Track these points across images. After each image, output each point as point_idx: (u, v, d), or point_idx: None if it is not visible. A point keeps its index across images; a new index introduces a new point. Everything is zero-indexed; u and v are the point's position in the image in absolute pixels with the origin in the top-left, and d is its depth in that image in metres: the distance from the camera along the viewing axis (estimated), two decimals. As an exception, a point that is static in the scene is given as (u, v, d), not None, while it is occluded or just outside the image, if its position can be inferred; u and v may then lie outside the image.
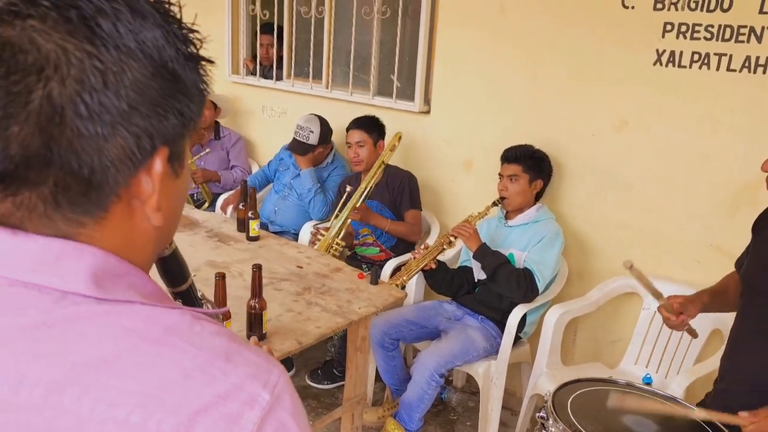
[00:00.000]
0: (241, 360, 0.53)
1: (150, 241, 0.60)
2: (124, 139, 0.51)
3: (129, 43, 0.51)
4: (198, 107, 0.58)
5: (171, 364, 0.50)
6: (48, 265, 0.51)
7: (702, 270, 2.60)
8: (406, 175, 3.22)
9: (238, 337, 0.57)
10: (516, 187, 2.72)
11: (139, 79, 0.51)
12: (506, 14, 2.97)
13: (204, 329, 0.54)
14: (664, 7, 2.53)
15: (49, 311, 0.50)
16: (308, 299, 2.19)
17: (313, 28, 3.72)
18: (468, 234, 2.68)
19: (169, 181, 0.58)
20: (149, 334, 0.51)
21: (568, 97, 2.85)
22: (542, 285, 2.62)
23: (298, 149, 3.44)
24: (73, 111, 0.48)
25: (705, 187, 2.56)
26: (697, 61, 2.49)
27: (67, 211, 0.52)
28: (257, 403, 0.51)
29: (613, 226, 2.80)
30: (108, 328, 0.51)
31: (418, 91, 3.33)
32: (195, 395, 0.49)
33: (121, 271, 0.55)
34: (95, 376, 0.48)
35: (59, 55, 0.48)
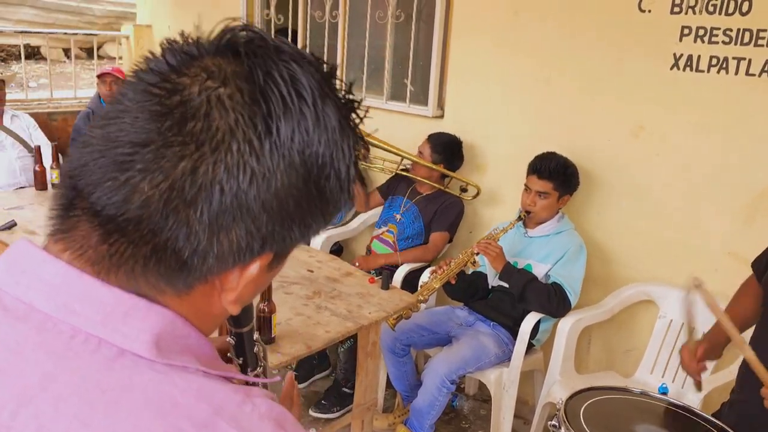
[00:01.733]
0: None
1: (220, 317, 0.59)
2: (239, 236, 0.49)
3: (295, 156, 0.48)
4: (327, 222, 0.55)
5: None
6: (116, 319, 0.49)
7: (719, 278, 2.54)
8: (458, 200, 3.15)
9: (287, 419, 0.54)
10: (544, 203, 2.65)
11: (285, 189, 0.49)
12: (520, 19, 2.95)
13: (254, 410, 0.52)
14: (681, 10, 2.49)
15: (104, 371, 0.48)
16: (318, 303, 2.18)
17: (327, 33, 3.72)
18: (495, 254, 2.62)
19: (260, 273, 0.55)
20: (198, 415, 0.49)
21: (583, 102, 2.82)
22: (574, 299, 2.58)
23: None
24: (208, 195, 0.47)
25: (722, 193, 2.51)
26: (715, 65, 2.45)
27: (152, 276, 0.50)
28: None
29: (629, 233, 2.76)
30: (157, 401, 0.48)
31: (432, 96, 3.32)
32: None
33: (183, 332, 0.53)
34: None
35: (225, 137, 0.46)
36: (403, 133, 3.32)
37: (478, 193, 3.10)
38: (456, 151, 3.12)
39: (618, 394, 1.68)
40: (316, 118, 0.49)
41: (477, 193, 3.10)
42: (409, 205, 3.19)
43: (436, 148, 3.09)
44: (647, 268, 2.73)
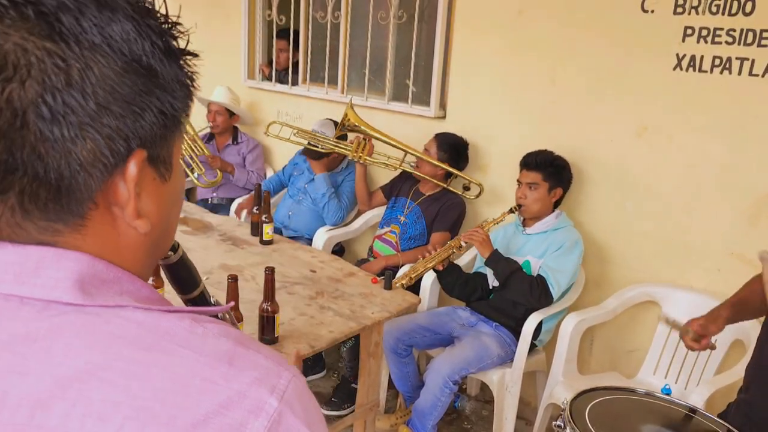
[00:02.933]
0: (246, 363, 0.49)
1: (140, 248, 0.56)
2: (94, 141, 0.47)
3: (93, 38, 0.47)
4: (183, 104, 0.54)
5: (165, 372, 0.46)
6: (28, 275, 0.48)
7: (722, 279, 2.54)
8: (460, 200, 3.15)
9: (248, 339, 0.53)
10: (535, 195, 2.68)
11: (108, 76, 0.47)
12: (524, 19, 2.95)
13: (207, 331, 0.50)
14: (684, 11, 2.49)
15: (31, 323, 0.47)
16: (321, 303, 2.17)
17: (329, 33, 3.72)
18: (480, 240, 2.65)
19: (156, 185, 0.54)
20: (141, 341, 0.47)
21: (586, 103, 2.81)
22: (556, 292, 2.58)
23: (312, 154, 3.43)
24: (35, 114, 0.45)
25: (726, 194, 2.50)
26: (718, 65, 2.44)
27: (38, 219, 0.48)
28: (263, 411, 0.47)
29: (632, 234, 2.76)
30: (94, 337, 0.47)
31: (434, 96, 3.31)
32: (193, 405, 0.45)
33: (110, 276, 0.52)
34: (81, 389, 0.45)
35: (18, 55, 0.45)
36: (405, 133, 3.31)
37: (481, 192, 3.10)
38: (462, 152, 3.12)
39: (623, 395, 1.67)
40: (97, 2, 0.48)
41: (480, 192, 3.10)
42: (413, 206, 3.19)
43: (442, 146, 3.09)
44: (650, 269, 2.73)
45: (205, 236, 2.76)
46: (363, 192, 3.41)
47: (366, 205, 3.45)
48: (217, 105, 4.05)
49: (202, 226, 2.88)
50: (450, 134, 3.13)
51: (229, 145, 4.16)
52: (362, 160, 3.21)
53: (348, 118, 3.17)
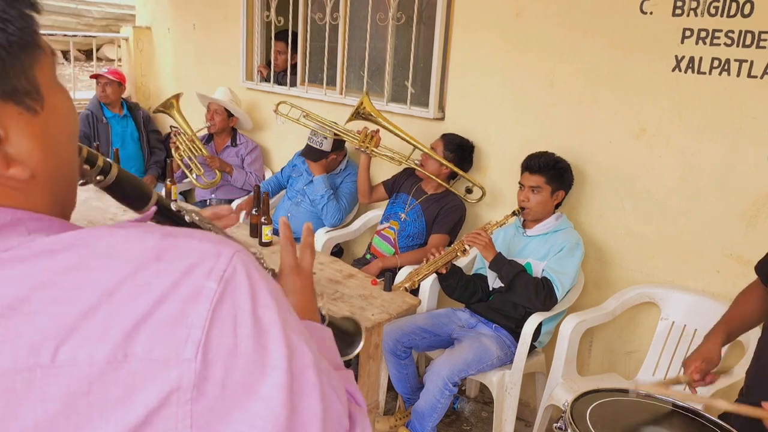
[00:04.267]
0: (176, 254, 0.47)
1: (35, 192, 0.52)
2: None
3: None
4: (20, 24, 0.49)
5: (88, 287, 0.44)
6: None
7: (721, 280, 2.55)
8: (461, 203, 3.15)
9: (179, 229, 0.50)
10: (537, 198, 2.68)
11: None
12: (523, 20, 2.95)
13: (129, 233, 0.48)
14: (683, 12, 2.49)
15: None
16: (320, 305, 2.16)
17: (328, 35, 3.72)
18: (483, 243, 2.64)
19: (27, 120, 0.50)
20: (57, 264, 0.45)
21: (585, 104, 2.82)
22: (561, 294, 2.58)
23: (311, 155, 3.43)
24: None
25: (725, 195, 2.51)
26: (717, 67, 2.45)
27: None
28: (201, 295, 0.45)
29: (631, 235, 2.76)
30: (7, 275, 0.45)
31: (433, 98, 3.31)
32: (124, 312, 0.44)
33: (6, 220, 0.49)
34: (7, 326, 0.43)
35: None
36: (404, 134, 3.31)
37: (483, 196, 3.10)
38: (467, 155, 3.13)
39: (624, 396, 1.67)
40: None
41: (482, 196, 3.10)
42: (414, 204, 3.19)
43: (448, 146, 3.09)
44: (649, 271, 2.73)
45: (204, 238, 2.76)
46: (365, 183, 3.39)
47: (366, 197, 3.43)
48: (216, 104, 4.05)
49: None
50: (457, 135, 3.13)
51: (228, 146, 4.15)
52: (369, 150, 3.20)
53: (363, 106, 3.16)
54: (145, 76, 5.17)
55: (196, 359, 0.44)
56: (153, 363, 0.43)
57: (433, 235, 3.10)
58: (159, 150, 4.69)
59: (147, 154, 4.64)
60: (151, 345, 0.44)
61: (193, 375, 0.44)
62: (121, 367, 0.43)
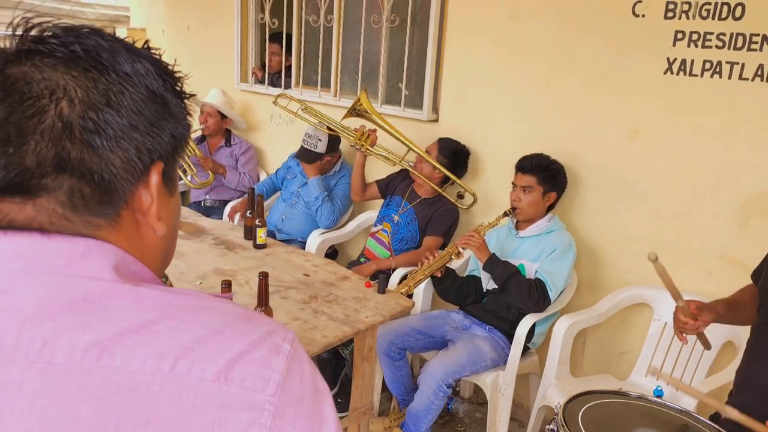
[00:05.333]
0: (259, 321, 0.61)
1: (157, 250, 0.69)
2: (126, 151, 0.60)
3: (126, 69, 0.61)
4: (185, 132, 0.68)
5: (202, 324, 0.58)
6: (78, 260, 0.58)
7: (714, 281, 2.56)
8: (454, 208, 3.16)
9: (252, 311, 0.65)
10: (529, 198, 2.69)
11: (136, 101, 0.61)
12: (516, 22, 2.96)
13: (224, 302, 0.63)
14: (675, 15, 2.51)
15: (87, 289, 0.57)
16: (315, 308, 2.17)
17: (322, 37, 3.72)
18: (477, 245, 2.65)
19: (166, 198, 0.68)
20: (176, 305, 0.59)
21: (579, 106, 2.83)
22: (554, 295, 2.59)
23: (305, 157, 3.43)
24: (82, 126, 0.58)
25: (717, 197, 2.52)
26: (708, 69, 2.46)
27: (83, 213, 0.60)
28: (282, 351, 0.58)
29: (624, 237, 2.77)
30: (140, 301, 0.58)
31: (427, 100, 3.32)
32: (228, 346, 0.57)
33: (137, 269, 0.63)
34: (139, 337, 0.55)
35: (67, 80, 0.58)
36: (398, 136, 3.32)
37: (474, 202, 3.10)
38: (462, 161, 3.13)
39: (616, 398, 1.68)
40: (125, 47, 0.63)
41: (473, 202, 3.10)
42: (408, 207, 3.20)
43: (443, 151, 3.09)
44: (642, 272, 2.74)
45: (198, 240, 2.76)
46: (359, 181, 3.38)
47: (359, 195, 3.43)
48: (209, 107, 4.05)
49: (195, 230, 2.88)
50: (453, 140, 3.14)
51: (222, 147, 4.15)
52: (364, 149, 3.20)
53: (360, 102, 3.17)
54: (140, 78, 5.16)
55: (275, 396, 0.56)
56: (245, 390, 0.55)
57: (426, 237, 3.11)
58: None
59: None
60: (244, 376, 0.56)
61: (273, 408, 0.56)
62: (221, 388, 0.55)
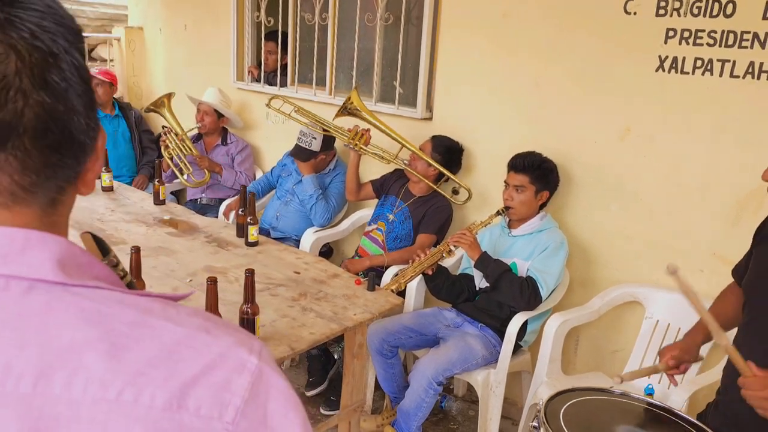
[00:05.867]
0: (221, 332, 0.54)
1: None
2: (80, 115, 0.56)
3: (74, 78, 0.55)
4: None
5: (153, 342, 0.51)
6: (15, 254, 0.51)
7: (705, 279, 2.56)
8: (448, 204, 3.16)
9: (215, 317, 0.58)
10: (521, 197, 2.69)
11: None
12: (509, 21, 2.96)
13: (180, 311, 0.56)
14: (666, 12, 2.50)
15: (22, 302, 0.50)
16: (304, 305, 2.18)
17: (317, 35, 3.72)
18: (468, 242, 2.65)
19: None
20: (125, 317, 0.52)
21: (570, 104, 2.82)
22: (545, 293, 2.59)
23: (300, 155, 3.43)
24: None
25: (708, 195, 2.52)
26: (699, 67, 2.46)
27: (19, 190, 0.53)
28: (246, 369, 0.52)
29: (616, 235, 2.77)
30: (84, 314, 0.51)
31: (421, 98, 3.32)
32: (182, 368, 0.50)
33: (84, 260, 0.56)
34: (81, 359, 0.49)
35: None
36: (392, 134, 3.31)
37: (469, 197, 3.10)
38: (455, 157, 3.13)
39: (599, 395, 1.68)
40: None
41: (468, 197, 3.10)
42: (402, 206, 3.20)
43: (437, 149, 3.09)
44: (634, 270, 2.74)
45: (191, 238, 2.76)
46: (353, 181, 3.39)
47: (354, 195, 3.43)
48: (206, 105, 4.05)
49: (188, 228, 2.88)
50: (446, 137, 3.14)
51: (218, 145, 4.16)
52: (358, 148, 3.20)
53: (351, 101, 3.17)
54: (137, 76, 5.18)
55: (234, 423, 0.51)
56: (200, 419, 0.50)
57: (420, 234, 3.11)
58: (151, 150, 4.69)
59: (139, 154, 4.64)
60: (200, 402, 0.50)
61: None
62: (173, 417, 0.49)
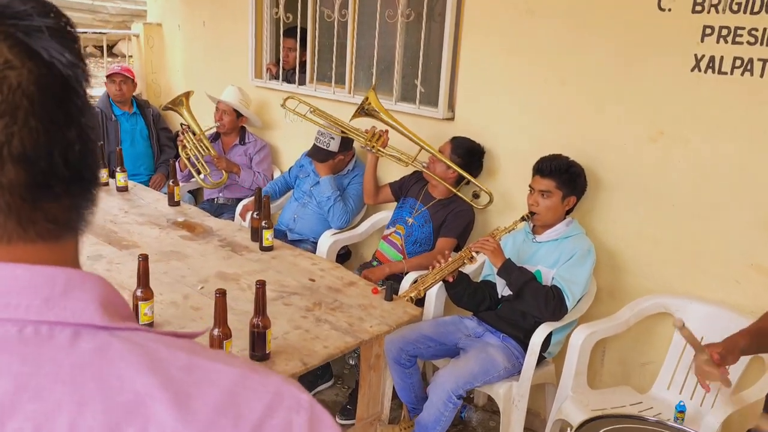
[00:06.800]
0: (263, 370, 0.53)
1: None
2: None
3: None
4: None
5: (213, 387, 0.48)
6: (57, 298, 0.46)
7: (740, 291, 2.43)
8: (469, 208, 3.05)
9: (254, 363, 0.58)
10: (547, 202, 2.57)
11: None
12: (534, 18, 2.84)
13: (218, 351, 0.55)
14: (703, 9, 2.36)
15: (72, 352, 0.46)
16: (318, 315, 2.09)
17: (337, 32, 3.63)
18: (491, 249, 2.54)
19: None
20: (177, 360, 0.49)
21: (599, 105, 2.70)
22: (571, 303, 2.48)
23: (318, 156, 3.35)
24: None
25: (746, 202, 2.38)
26: (739, 67, 2.32)
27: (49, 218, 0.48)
28: (302, 407, 0.51)
29: (647, 242, 2.64)
30: (139, 360, 0.47)
31: (442, 97, 3.21)
32: (247, 412, 0.48)
33: (117, 300, 0.51)
34: (148, 412, 0.45)
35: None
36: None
37: (490, 201, 2.99)
38: (476, 159, 3.02)
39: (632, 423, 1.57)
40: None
41: (489, 201, 2.99)
42: (422, 209, 3.10)
43: (456, 150, 2.99)
44: (665, 279, 2.61)
45: (204, 241, 2.69)
46: (371, 184, 3.30)
47: (372, 198, 3.35)
48: (225, 104, 3.99)
49: (202, 231, 2.82)
50: (467, 139, 3.03)
51: (236, 145, 4.09)
52: (375, 150, 3.11)
53: (369, 101, 3.08)
54: (156, 73, 5.13)
55: None
56: None
57: (440, 239, 3.01)
58: (169, 148, 4.64)
59: (157, 152, 4.59)
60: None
61: None
62: None
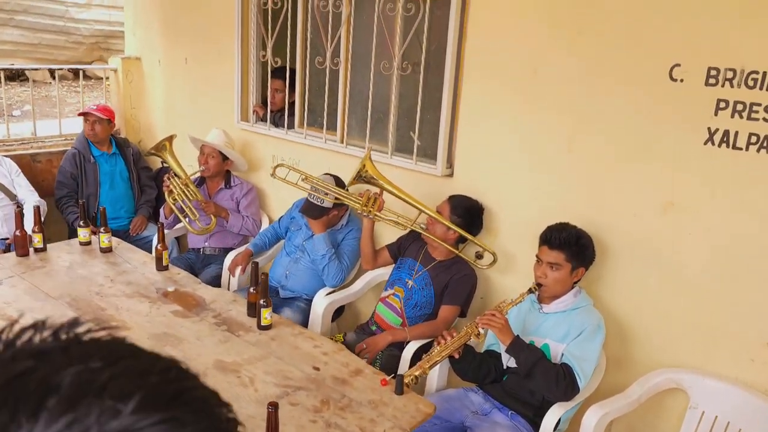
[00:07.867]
0: None
1: None
2: None
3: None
4: None
5: None
6: None
7: (756, 370, 2.37)
8: (472, 272, 2.95)
9: None
10: (556, 275, 2.49)
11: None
12: (540, 77, 2.75)
13: None
14: (717, 82, 2.30)
15: None
16: (327, 418, 1.97)
17: (328, 78, 3.50)
18: (499, 326, 2.45)
19: None
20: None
21: (606, 172, 2.62)
22: (583, 383, 2.40)
23: (312, 213, 3.22)
24: None
25: (761, 279, 2.32)
26: (755, 143, 2.26)
27: None
28: None
29: (657, 314, 2.57)
30: None
31: (441, 152, 3.10)
32: None
33: None
34: None
35: None
36: (409, 192, 3.09)
37: (494, 261, 2.90)
38: (476, 218, 2.93)
39: None
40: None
41: (493, 261, 2.90)
42: (422, 271, 2.99)
43: (456, 210, 2.90)
44: (675, 352, 2.55)
45: (198, 318, 2.55)
46: (369, 250, 3.19)
47: (370, 264, 3.24)
48: (210, 147, 3.83)
49: (195, 304, 2.67)
50: (465, 197, 2.94)
51: (222, 189, 3.94)
52: (372, 215, 3.00)
53: (365, 169, 2.96)
54: (135, 109, 4.94)
55: None
56: None
57: (443, 306, 2.91)
58: (150, 188, 4.47)
59: (137, 192, 4.42)
60: None
61: None
62: None
